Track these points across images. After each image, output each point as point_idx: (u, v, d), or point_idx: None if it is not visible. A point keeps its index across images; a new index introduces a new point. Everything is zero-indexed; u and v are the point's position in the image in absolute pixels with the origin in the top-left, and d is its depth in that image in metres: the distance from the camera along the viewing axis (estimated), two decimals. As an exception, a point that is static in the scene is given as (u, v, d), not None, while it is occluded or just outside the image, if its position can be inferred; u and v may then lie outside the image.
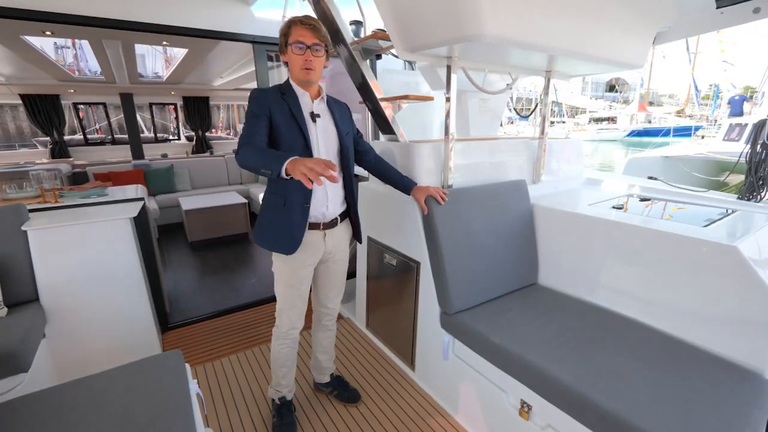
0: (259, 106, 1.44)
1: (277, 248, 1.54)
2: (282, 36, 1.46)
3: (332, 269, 1.74)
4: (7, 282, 1.80)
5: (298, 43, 1.42)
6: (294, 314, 1.67)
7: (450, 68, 1.76)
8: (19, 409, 1.13)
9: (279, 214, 1.52)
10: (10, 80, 4.82)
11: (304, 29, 1.42)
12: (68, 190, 2.52)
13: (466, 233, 1.80)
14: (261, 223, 1.58)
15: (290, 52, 1.44)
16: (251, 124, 1.43)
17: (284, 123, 1.46)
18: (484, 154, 2.14)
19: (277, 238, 1.53)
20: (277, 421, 1.74)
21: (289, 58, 1.47)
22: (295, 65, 1.46)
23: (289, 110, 1.47)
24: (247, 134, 1.41)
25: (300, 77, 1.48)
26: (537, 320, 1.62)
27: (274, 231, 1.53)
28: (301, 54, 1.43)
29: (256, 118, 1.43)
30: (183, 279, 3.55)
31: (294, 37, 1.42)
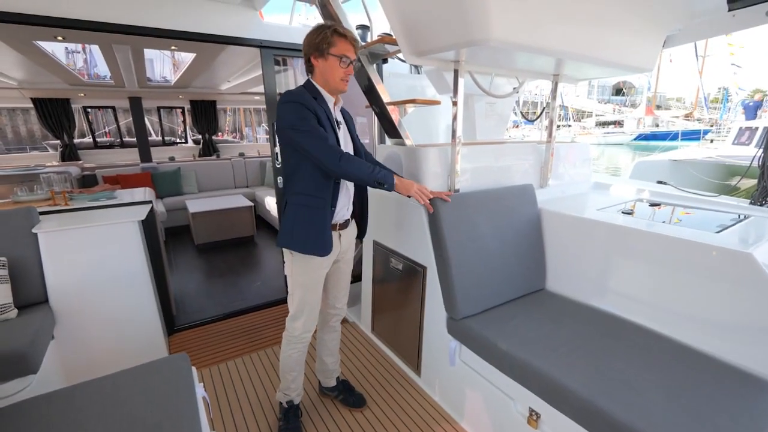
0: (305, 109, 1.44)
1: (315, 251, 1.55)
2: (322, 41, 1.46)
3: (342, 269, 1.78)
4: (18, 284, 1.82)
5: (345, 57, 1.48)
6: (311, 318, 1.68)
7: (457, 72, 1.76)
8: (27, 410, 1.13)
9: (315, 216, 1.54)
10: (23, 85, 4.89)
11: (349, 44, 1.49)
12: (78, 192, 2.54)
13: (473, 238, 1.79)
14: (293, 226, 1.55)
15: (333, 62, 1.48)
16: (317, 129, 1.44)
17: (327, 128, 1.49)
18: (490, 158, 2.13)
19: (315, 241, 1.54)
20: (283, 425, 1.75)
21: (327, 66, 1.49)
22: (334, 75, 1.50)
23: (326, 116, 1.51)
24: (324, 138, 1.44)
25: (338, 87, 1.54)
26: (545, 327, 1.60)
27: (310, 234, 1.54)
28: (345, 67, 1.50)
29: (312, 121, 1.44)
30: (189, 281, 3.57)
31: (340, 50, 1.47)
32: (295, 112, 1.44)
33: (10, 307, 1.74)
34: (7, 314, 1.72)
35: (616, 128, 26.12)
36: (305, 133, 1.43)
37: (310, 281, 1.62)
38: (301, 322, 1.66)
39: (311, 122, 1.44)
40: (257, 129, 9.86)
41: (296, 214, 1.55)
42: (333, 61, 1.48)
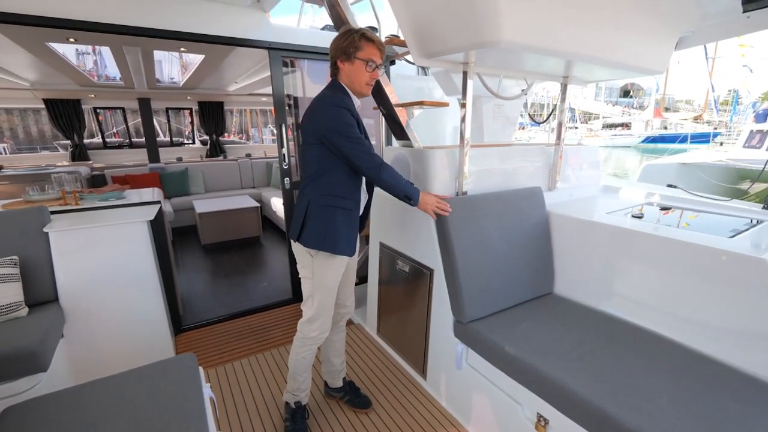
0: (351, 116, 1.49)
1: (347, 251, 1.59)
2: (350, 45, 1.48)
3: (351, 266, 1.82)
4: (29, 282, 1.84)
5: (372, 62, 1.51)
6: (327, 319, 1.69)
7: (466, 74, 1.75)
8: (38, 408, 1.14)
9: (350, 218, 1.59)
10: (35, 86, 4.97)
11: (377, 49, 1.52)
12: (88, 192, 2.57)
13: (481, 241, 1.78)
14: (325, 227, 1.55)
15: (360, 66, 1.50)
16: (360, 137, 1.49)
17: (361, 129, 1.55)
18: (498, 161, 2.12)
19: (348, 242, 1.58)
20: (290, 425, 1.75)
21: (354, 70, 1.51)
22: (360, 79, 1.52)
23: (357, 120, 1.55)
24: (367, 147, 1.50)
25: (363, 91, 1.56)
26: (554, 331, 1.58)
27: (345, 235, 1.57)
28: (371, 72, 1.53)
29: (356, 129, 1.49)
30: (196, 281, 3.59)
31: (368, 54, 1.50)
32: (342, 117, 1.47)
33: (21, 305, 1.76)
34: (18, 312, 1.74)
35: (623, 130, 25.90)
36: (351, 140, 1.47)
37: (332, 282, 1.63)
38: (318, 324, 1.67)
39: (355, 129, 1.48)
40: (263, 130, 9.91)
41: (330, 216, 1.55)
42: (359, 65, 1.50)
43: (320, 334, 1.69)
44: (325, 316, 1.67)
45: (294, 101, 3.00)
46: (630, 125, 26.12)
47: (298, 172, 3.07)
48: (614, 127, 27.38)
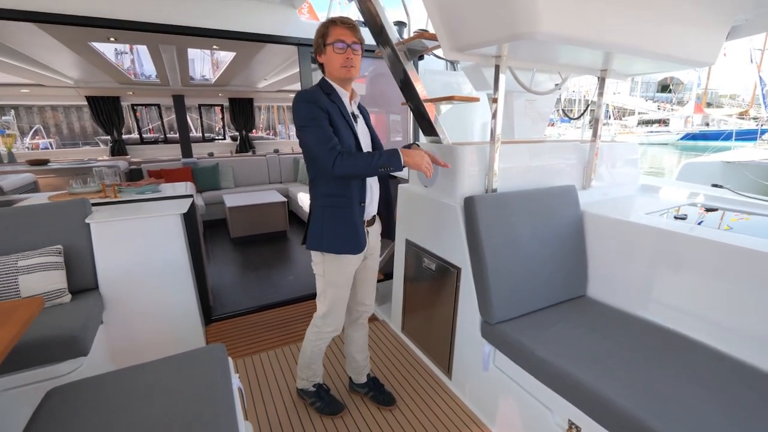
0: (317, 109, 1.43)
1: (348, 249, 1.56)
2: (319, 37, 1.47)
3: (370, 266, 1.79)
4: (72, 270, 1.94)
5: (339, 42, 1.44)
6: (341, 314, 1.72)
7: (498, 68, 1.70)
8: (78, 391, 1.20)
9: (343, 216, 1.54)
10: (78, 84, 5.24)
11: (344, 29, 1.45)
12: (126, 186, 2.68)
13: (511, 239, 1.73)
14: (321, 228, 1.55)
15: (330, 51, 1.46)
16: (322, 129, 1.42)
17: (341, 124, 1.48)
18: (530, 158, 2.05)
19: (346, 240, 1.55)
20: (320, 404, 1.83)
21: (328, 58, 1.48)
22: (335, 64, 1.47)
23: (340, 111, 1.50)
24: (326, 141, 1.41)
25: (341, 75, 1.49)
26: (587, 336, 1.52)
27: (341, 233, 1.54)
28: (342, 52, 1.45)
29: (321, 121, 1.43)
30: (225, 273, 3.69)
31: (333, 37, 1.44)
32: (305, 111, 1.44)
33: (65, 292, 1.86)
34: (62, 299, 1.84)
35: (660, 127, 24.67)
36: (310, 131, 1.43)
37: (342, 279, 1.64)
38: (332, 320, 1.70)
39: (319, 121, 1.42)
40: (290, 126, 10.06)
41: (323, 216, 1.55)
42: (330, 51, 1.46)
43: (334, 330, 1.72)
44: (338, 312, 1.69)
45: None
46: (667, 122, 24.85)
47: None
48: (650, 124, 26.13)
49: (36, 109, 6.98)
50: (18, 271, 1.75)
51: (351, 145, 1.50)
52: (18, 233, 1.87)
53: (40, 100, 5.74)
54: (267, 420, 1.83)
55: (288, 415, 1.86)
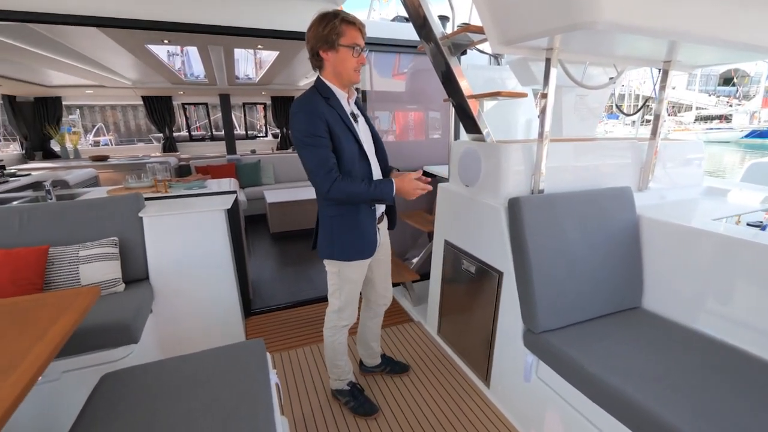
0: (318, 123, 1.38)
1: (358, 256, 1.60)
2: (331, 32, 1.37)
3: (383, 260, 1.83)
4: (126, 261, 2.06)
5: (357, 46, 1.40)
6: (355, 308, 1.77)
7: (549, 61, 1.60)
8: (129, 377, 1.26)
9: (350, 223, 1.54)
10: (135, 84, 5.59)
11: (357, 31, 1.40)
12: (175, 181, 2.81)
13: (559, 244, 1.63)
14: (331, 238, 1.56)
15: (345, 53, 1.40)
16: (320, 150, 1.39)
17: (342, 132, 1.44)
18: (580, 157, 1.92)
19: (356, 247, 1.58)
20: (354, 403, 1.85)
21: (340, 59, 1.41)
22: (348, 66, 1.43)
23: (340, 117, 1.45)
24: (323, 163, 1.39)
25: (353, 79, 1.46)
26: (642, 351, 1.40)
27: (350, 241, 1.56)
28: (357, 57, 1.42)
29: (320, 140, 1.39)
30: (264, 268, 3.79)
31: (351, 39, 1.39)
32: (305, 125, 1.39)
33: (119, 282, 1.97)
34: (117, 288, 1.96)
35: (721, 123, 22.66)
36: (308, 152, 1.40)
37: (358, 276, 1.68)
38: (347, 314, 1.74)
39: (318, 140, 1.39)
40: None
41: (331, 225, 1.56)
42: (345, 53, 1.39)
43: (349, 323, 1.76)
44: (353, 305, 1.74)
45: (362, 95, 3.01)
46: (729, 117, 22.77)
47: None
48: (709, 120, 24.07)
49: (98, 109, 7.51)
50: (79, 261, 1.88)
51: (354, 152, 1.47)
52: (79, 225, 2.01)
53: (101, 100, 6.19)
54: (302, 416, 1.85)
55: (322, 411, 1.87)
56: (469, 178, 2.02)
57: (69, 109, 6.36)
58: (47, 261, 1.83)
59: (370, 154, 1.57)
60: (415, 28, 2.05)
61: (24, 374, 0.98)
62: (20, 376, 0.97)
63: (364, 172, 1.53)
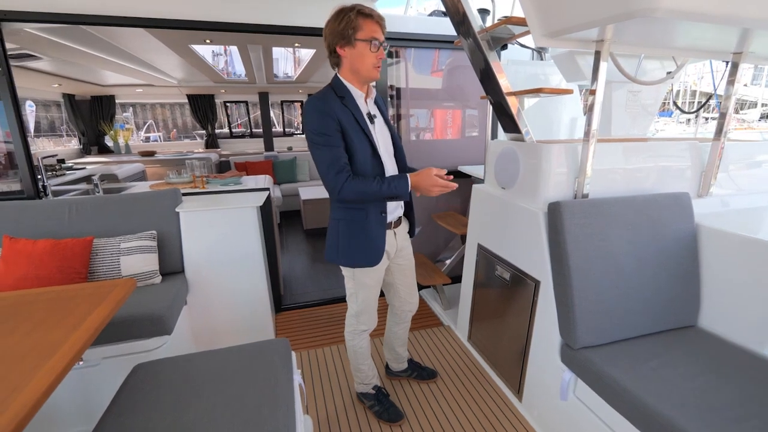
0: (330, 122, 1.34)
1: (364, 263, 1.53)
2: (347, 26, 1.30)
3: (406, 265, 1.75)
4: (163, 254, 2.13)
5: (375, 40, 1.33)
6: (374, 313, 1.70)
7: (599, 54, 1.47)
8: (159, 369, 1.29)
9: (358, 229, 1.48)
10: (181, 83, 5.85)
11: (375, 24, 1.32)
12: (213, 177, 2.89)
13: (604, 253, 1.50)
14: (337, 241, 1.52)
15: (363, 48, 1.32)
16: (333, 148, 1.35)
17: (354, 132, 1.38)
18: (631, 158, 1.77)
19: (361, 254, 1.51)
20: (378, 407, 1.81)
21: (358, 54, 1.34)
22: (367, 63, 1.35)
23: (353, 117, 1.39)
24: (335, 163, 1.34)
25: (371, 76, 1.40)
26: (699, 377, 1.25)
27: (355, 246, 1.50)
28: (376, 52, 1.34)
29: (333, 139, 1.35)
30: (297, 263, 3.84)
31: (369, 32, 1.32)
32: (317, 125, 1.34)
33: (157, 274, 2.04)
34: (154, 279, 2.03)
35: (792, 122, 20.49)
36: (320, 151, 1.36)
37: (372, 281, 1.61)
38: (365, 318, 1.69)
39: (330, 139, 1.34)
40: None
41: (338, 229, 1.51)
42: (362, 47, 1.32)
43: (368, 328, 1.71)
44: (371, 310, 1.67)
45: (396, 92, 2.95)
46: (805, 115, 20.54)
47: (396, 164, 3.03)
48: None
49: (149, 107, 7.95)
50: (120, 252, 1.96)
51: (367, 153, 1.41)
52: (121, 218, 2.10)
53: (150, 98, 6.53)
54: (326, 416, 1.83)
55: (346, 413, 1.85)
56: (506, 179, 1.92)
57: (123, 107, 6.76)
58: (91, 252, 1.92)
59: (385, 156, 1.50)
60: (453, 24, 1.96)
61: (59, 362, 1.01)
62: (56, 364, 1.01)
63: (378, 174, 1.46)
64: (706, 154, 1.85)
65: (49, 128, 5.61)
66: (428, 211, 3.18)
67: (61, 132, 5.75)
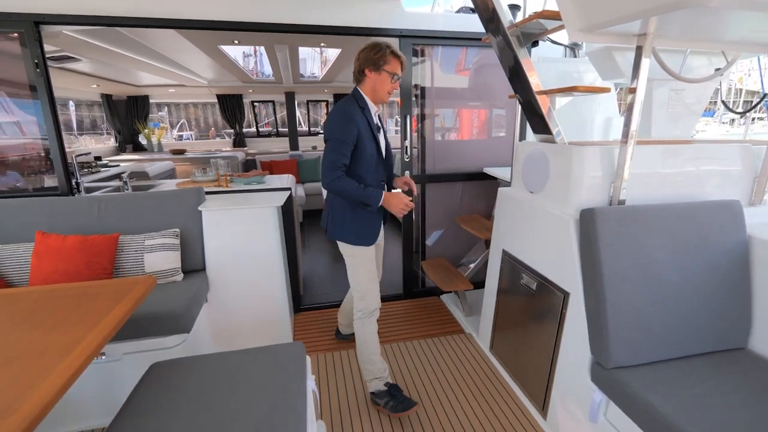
0: (353, 128, 1.64)
1: (365, 242, 1.80)
2: (380, 58, 1.67)
3: (381, 246, 2.09)
4: (186, 252, 2.15)
5: (396, 75, 1.72)
6: (377, 289, 1.89)
7: (640, 50, 1.35)
8: (173, 369, 1.29)
9: (366, 218, 1.78)
10: (211, 83, 6.00)
11: (399, 64, 1.71)
12: (237, 176, 2.92)
13: (642, 265, 1.38)
14: (343, 223, 1.79)
15: (385, 76, 1.70)
16: (342, 152, 1.64)
17: (367, 136, 1.70)
18: (673, 162, 1.63)
19: (365, 234, 1.80)
20: (393, 403, 1.80)
21: (379, 80, 1.70)
22: (383, 89, 1.72)
23: (368, 124, 1.72)
24: (337, 162, 1.63)
25: (383, 99, 1.76)
26: (753, 407, 1.12)
27: (361, 228, 1.79)
28: (392, 83, 1.72)
29: (346, 147, 1.64)
30: (318, 263, 3.84)
31: (393, 68, 1.70)
32: (339, 129, 1.64)
33: (179, 272, 2.07)
34: (176, 277, 2.05)
35: None
36: (332, 150, 1.64)
37: (371, 255, 1.85)
38: (372, 297, 1.86)
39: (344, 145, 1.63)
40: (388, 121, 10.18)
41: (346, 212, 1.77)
42: (385, 77, 1.69)
43: (377, 305, 1.88)
44: (374, 287, 1.87)
45: (421, 91, 2.88)
46: None
47: (419, 164, 2.97)
48: (841, 119, 20.07)
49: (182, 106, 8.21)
50: (144, 249, 2.00)
51: (373, 153, 1.74)
52: (146, 215, 2.14)
53: (182, 98, 6.74)
54: (340, 420, 1.80)
55: (360, 418, 1.81)
56: (535, 183, 1.82)
57: (159, 107, 7.01)
58: (117, 248, 1.97)
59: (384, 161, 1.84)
60: (481, 20, 1.88)
61: (74, 361, 1.02)
62: (71, 362, 1.01)
63: (380, 177, 1.82)
64: (760, 158, 1.69)
65: (92, 126, 5.90)
66: (452, 212, 3.10)
67: (102, 130, 6.03)
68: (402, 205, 1.71)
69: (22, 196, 2.23)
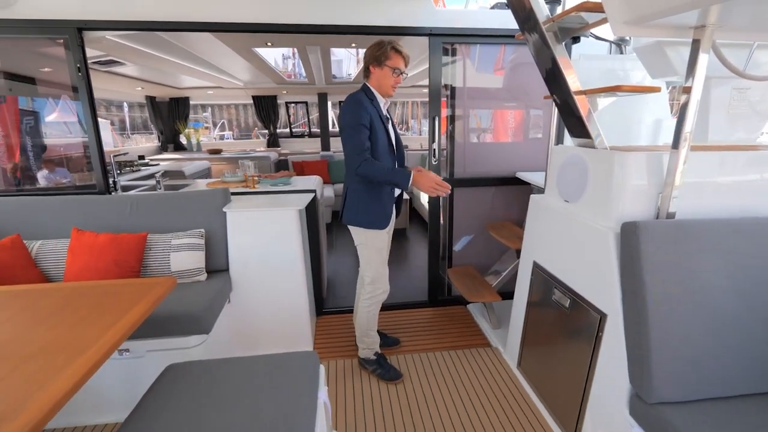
0: (365, 113, 1.75)
1: (378, 225, 1.91)
2: (382, 54, 1.80)
3: (390, 234, 2.13)
4: (210, 252, 2.18)
5: (397, 69, 1.83)
6: (386, 275, 2.04)
7: (698, 43, 1.19)
8: (188, 371, 1.29)
9: (379, 199, 1.88)
10: (246, 85, 6.16)
11: (402, 59, 1.83)
12: (264, 177, 2.94)
13: (693, 289, 1.22)
14: (357, 206, 1.89)
15: (387, 71, 1.82)
16: (360, 136, 1.75)
17: (378, 126, 1.82)
18: (733, 171, 1.45)
19: (378, 215, 1.90)
20: (381, 371, 2.07)
21: (383, 75, 1.84)
22: (387, 83, 1.85)
23: (378, 114, 1.84)
24: (359, 146, 1.75)
25: (388, 93, 1.89)
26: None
27: (375, 209, 1.89)
28: (395, 77, 1.85)
29: (363, 130, 1.75)
30: (343, 264, 3.81)
31: (395, 63, 1.82)
32: (352, 115, 1.75)
33: (202, 272, 2.09)
34: (199, 276, 2.08)
35: None
36: (350, 137, 1.76)
37: (383, 243, 1.97)
38: (381, 283, 2.01)
39: (360, 128, 1.74)
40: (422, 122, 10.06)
41: (358, 196, 1.87)
42: (387, 71, 1.82)
43: (384, 291, 2.04)
44: (384, 273, 2.02)
45: (451, 91, 2.78)
46: None
47: (448, 168, 2.86)
48: None
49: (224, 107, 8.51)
50: (170, 249, 2.04)
51: (385, 141, 1.86)
52: (174, 215, 2.18)
53: (220, 99, 6.98)
54: (355, 426, 1.75)
55: (375, 424, 1.75)
56: (571, 191, 1.68)
57: (203, 108, 7.30)
58: (145, 247, 2.02)
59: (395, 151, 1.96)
60: (517, 21, 1.76)
61: (86, 362, 1.02)
62: (83, 363, 1.01)
63: (390, 163, 1.93)
64: (843, 168, 1.46)
65: (143, 126, 6.26)
66: (481, 218, 2.96)
67: (151, 130, 6.36)
68: (432, 184, 1.73)
69: (63, 193, 2.34)
